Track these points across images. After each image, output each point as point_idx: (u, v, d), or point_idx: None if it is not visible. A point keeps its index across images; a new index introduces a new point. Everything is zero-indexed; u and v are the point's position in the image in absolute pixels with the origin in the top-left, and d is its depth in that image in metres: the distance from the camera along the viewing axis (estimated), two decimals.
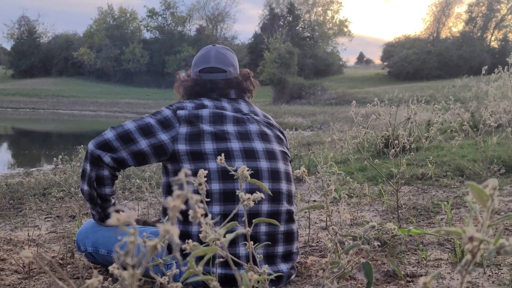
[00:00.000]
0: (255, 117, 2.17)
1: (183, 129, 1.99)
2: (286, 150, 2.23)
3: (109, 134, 2.02)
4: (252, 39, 64.53)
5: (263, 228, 1.99)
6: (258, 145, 2.05)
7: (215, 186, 1.93)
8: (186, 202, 0.56)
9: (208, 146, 1.96)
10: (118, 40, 67.46)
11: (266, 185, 1.99)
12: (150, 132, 2.01)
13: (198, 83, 2.25)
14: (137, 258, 0.51)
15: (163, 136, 2.00)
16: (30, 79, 63.74)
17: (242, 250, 1.91)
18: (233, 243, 1.84)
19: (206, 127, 1.99)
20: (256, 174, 1.95)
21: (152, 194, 4.57)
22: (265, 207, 1.99)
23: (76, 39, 72.35)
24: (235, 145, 1.99)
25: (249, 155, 2.00)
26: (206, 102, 2.12)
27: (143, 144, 2.00)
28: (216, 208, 1.91)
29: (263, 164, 2.02)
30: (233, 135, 2.01)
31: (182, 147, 1.97)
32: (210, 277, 0.77)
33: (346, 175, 3.51)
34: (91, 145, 2.03)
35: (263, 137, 2.10)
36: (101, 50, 66.62)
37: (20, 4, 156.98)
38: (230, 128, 2.03)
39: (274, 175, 2.05)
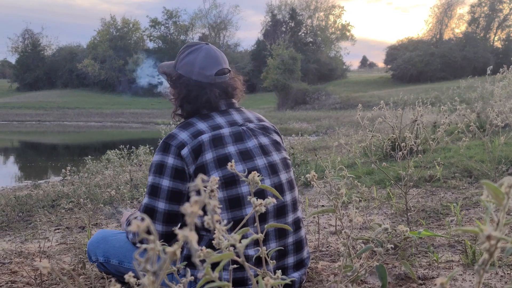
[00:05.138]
0: (250, 125, 2.10)
1: (191, 168, 1.93)
2: (285, 154, 2.17)
3: (158, 228, 1.99)
4: (255, 46, 64.63)
5: (273, 245, 1.98)
6: (260, 162, 2.01)
7: (224, 216, 1.89)
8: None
9: (214, 176, 1.89)
10: (121, 50, 67.71)
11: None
12: (180, 196, 1.98)
13: (217, 88, 2.10)
14: (158, 265, 0.51)
15: (186, 187, 1.96)
16: (35, 92, 64.04)
17: (251, 251, 1.89)
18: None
19: (209, 156, 1.93)
20: (261, 193, 1.90)
21: None
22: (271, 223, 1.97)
23: (80, 50, 72.67)
24: (238, 167, 1.93)
25: None
26: (200, 125, 2.01)
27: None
28: None
29: (267, 182, 1.99)
30: (235, 157, 1.96)
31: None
32: (226, 283, 0.78)
33: (354, 179, 3.51)
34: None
35: (263, 150, 2.05)
36: (105, 61, 66.88)
37: (24, 17, 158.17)
38: (231, 149, 1.97)
39: (278, 190, 2.01)
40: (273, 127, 2.24)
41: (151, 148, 7.21)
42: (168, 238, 2.00)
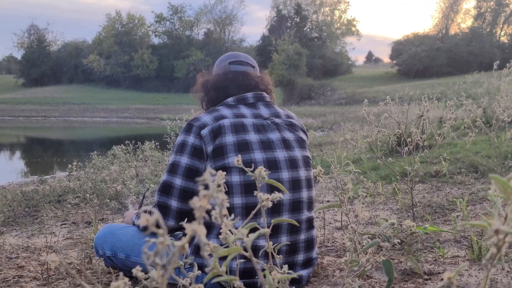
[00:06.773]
0: (276, 120, 2.13)
1: (209, 148, 1.97)
2: (308, 153, 2.18)
3: (173, 204, 2.03)
4: (260, 41, 64.57)
5: (284, 239, 1.98)
6: (280, 154, 2.02)
7: (237, 200, 1.91)
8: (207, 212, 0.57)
9: (232, 159, 1.92)
10: (127, 46, 67.81)
11: (287, 195, 1.98)
12: (196, 172, 2.00)
13: (229, 74, 2.22)
14: (167, 258, 0.51)
15: (203, 165, 2.00)
16: (41, 88, 64.31)
17: (262, 241, 1.90)
18: None
19: (229, 139, 1.96)
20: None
21: None
22: (285, 217, 1.97)
23: (85, 46, 72.84)
24: (258, 155, 1.96)
25: (272, 165, 1.97)
26: (224, 111, 2.07)
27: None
28: (238, 223, 1.88)
29: (285, 175, 2.00)
30: (255, 144, 1.98)
31: (208, 165, 1.97)
32: (233, 277, 0.78)
33: (359, 174, 3.51)
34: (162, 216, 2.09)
35: (285, 144, 2.06)
36: (110, 56, 67.02)
37: (29, 13, 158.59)
38: (252, 137, 2.00)
39: (295, 185, 2.03)
40: (301, 125, 2.26)
41: (156, 144, 7.22)
42: (182, 215, 2.03)
